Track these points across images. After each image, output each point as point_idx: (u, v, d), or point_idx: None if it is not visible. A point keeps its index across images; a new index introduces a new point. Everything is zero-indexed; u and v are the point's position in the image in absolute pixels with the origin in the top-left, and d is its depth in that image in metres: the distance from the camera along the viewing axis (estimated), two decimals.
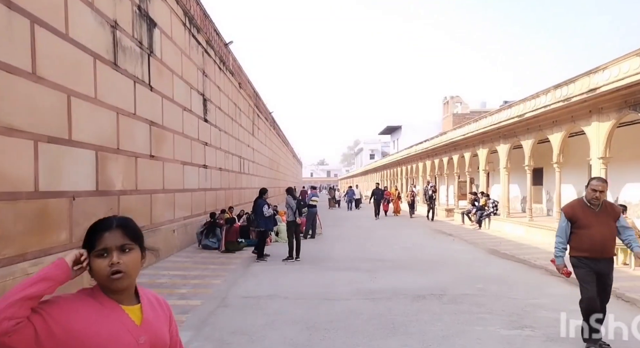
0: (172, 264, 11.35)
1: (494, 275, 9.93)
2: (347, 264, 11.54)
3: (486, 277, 9.76)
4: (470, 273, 10.22)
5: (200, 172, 16.28)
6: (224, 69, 20.43)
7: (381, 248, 14.40)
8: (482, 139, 20.34)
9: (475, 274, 10.06)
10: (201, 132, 16.43)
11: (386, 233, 19.06)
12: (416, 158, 33.36)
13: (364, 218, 27.13)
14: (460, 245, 15.06)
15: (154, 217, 11.69)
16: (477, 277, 9.69)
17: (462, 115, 45.73)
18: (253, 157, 28.88)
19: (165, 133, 12.66)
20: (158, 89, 12.09)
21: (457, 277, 9.69)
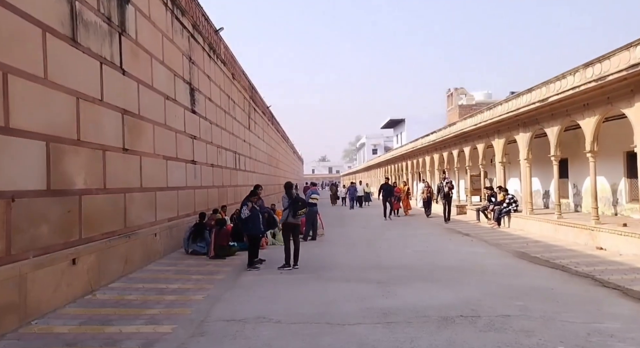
0: (149, 274, 9.72)
1: (533, 288, 8.26)
2: (354, 273, 9.91)
3: (524, 289, 8.10)
4: (503, 284, 8.56)
5: (188, 168, 14.65)
6: (215, 57, 18.78)
7: (391, 252, 12.77)
8: (497, 128, 18.66)
9: (510, 286, 8.40)
10: (188, 124, 14.79)
11: (395, 233, 17.41)
12: (422, 151, 31.69)
13: (369, 217, 25.45)
14: (482, 247, 13.40)
15: (130, 220, 10.05)
16: (513, 290, 8.03)
17: (469, 106, 44.04)
18: (250, 152, 27.24)
19: (143, 124, 11.02)
20: (133, 73, 10.45)
21: (488, 291, 8.04)
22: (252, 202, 10.80)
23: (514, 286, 8.38)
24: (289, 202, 10.84)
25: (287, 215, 10.86)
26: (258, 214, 10.85)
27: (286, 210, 10.98)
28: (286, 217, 10.84)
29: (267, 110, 36.75)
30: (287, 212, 10.91)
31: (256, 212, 10.79)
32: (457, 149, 24.30)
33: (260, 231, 11.07)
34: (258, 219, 10.81)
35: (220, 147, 19.25)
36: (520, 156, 16.94)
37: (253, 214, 10.68)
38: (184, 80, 14.51)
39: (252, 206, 10.63)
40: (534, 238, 14.49)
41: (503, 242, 13.94)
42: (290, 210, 10.82)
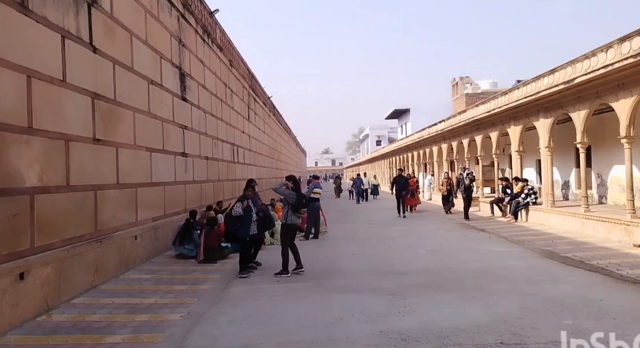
0: (124, 285, 8.40)
1: (578, 298, 6.89)
2: (362, 280, 8.56)
3: (567, 302, 6.74)
4: (540, 295, 7.20)
5: (177, 161, 13.31)
6: (210, 41, 17.38)
7: (403, 253, 11.42)
8: (514, 114, 17.24)
9: (549, 297, 7.03)
10: (178, 112, 13.44)
11: (404, 229, 16.05)
12: (430, 141, 30.25)
13: (375, 212, 24.12)
14: (503, 246, 12.04)
15: (102, 222, 8.72)
16: (554, 303, 6.67)
17: (476, 94, 42.62)
18: (249, 144, 25.88)
19: (121, 111, 9.67)
20: (107, 51, 9.09)
21: (525, 304, 6.67)
22: (247, 199, 9.43)
23: (554, 297, 7.01)
24: (294, 200, 9.54)
25: (288, 215, 9.54)
26: (251, 215, 9.43)
27: (286, 208, 9.71)
28: (286, 217, 9.51)
29: (268, 100, 35.36)
30: (287, 210, 9.60)
31: (250, 212, 9.37)
32: (467, 138, 22.87)
33: (248, 234, 9.46)
34: (250, 221, 9.35)
35: (216, 139, 17.91)
36: (541, 144, 15.53)
37: (246, 214, 9.28)
38: (173, 64, 13.14)
39: (248, 204, 9.27)
40: (558, 234, 13.12)
41: (525, 239, 12.58)
42: (291, 209, 9.51)
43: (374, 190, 34.73)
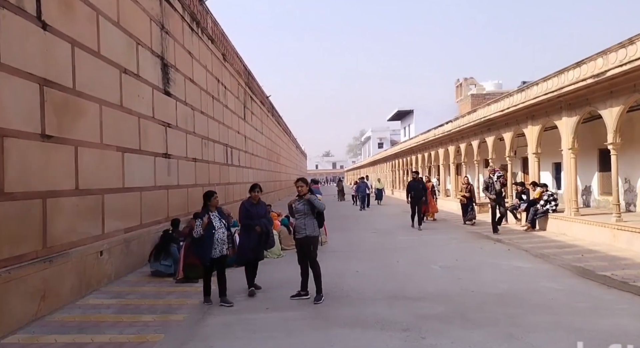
0: (78, 315, 6.89)
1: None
2: (368, 308, 7.04)
3: (631, 340, 5.24)
4: (593, 331, 5.67)
5: (158, 163, 11.83)
6: (199, 32, 15.90)
7: (414, 269, 9.89)
8: (532, 113, 15.73)
9: (606, 334, 5.50)
10: (160, 108, 11.97)
11: (412, 239, 14.53)
12: (435, 143, 28.73)
13: (379, 218, 22.58)
14: (526, 261, 10.52)
15: (54, 236, 7.22)
16: (617, 343, 5.18)
17: (481, 95, 41.22)
18: (245, 146, 24.40)
19: (81, 102, 8.18)
20: (62, 29, 7.61)
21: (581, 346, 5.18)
22: (208, 214, 7.48)
23: (611, 334, 5.51)
24: (324, 207, 8.00)
25: (313, 225, 7.80)
26: (213, 233, 7.40)
27: (308, 217, 7.76)
28: (313, 227, 7.74)
29: (266, 100, 33.88)
30: (311, 220, 7.78)
31: (211, 229, 7.39)
32: (477, 139, 21.35)
33: (208, 258, 7.39)
34: (211, 241, 7.38)
35: (206, 139, 16.44)
36: (563, 145, 14.01)
37: (206, 233, 7.38)
38: (153, 52, 11.66)
39: (209, 221, 7.49)
40: (586, 247, 11.61)
41: (548, 252, 11.05)
42: (317, 217, 7.90)
43: (378, 194, 32.62)
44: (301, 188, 7.76)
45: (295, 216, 7.82)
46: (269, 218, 8.45)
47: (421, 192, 17.43)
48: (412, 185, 17.52)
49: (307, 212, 7.68)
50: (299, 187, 7.79)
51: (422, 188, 17.64)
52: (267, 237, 8.28)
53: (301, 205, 7.72)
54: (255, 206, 8.17)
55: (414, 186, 17.43)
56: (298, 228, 7.74)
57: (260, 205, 8.31)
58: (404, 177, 41.50)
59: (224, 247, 7.55)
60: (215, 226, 7.44)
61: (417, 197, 17.21)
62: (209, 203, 7.61)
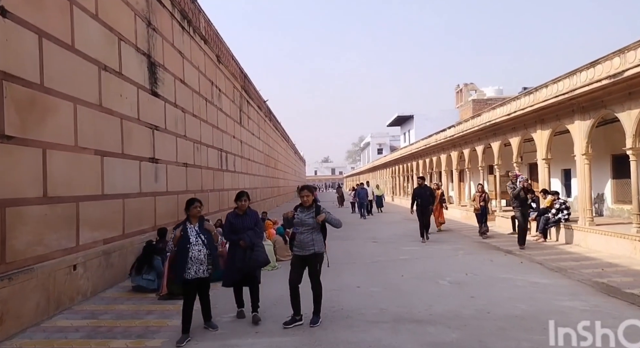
0: (40, 340, 6.04)
1: None
2: (370, 332, 6.17)
3: None
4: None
5: (144, 168, 11.01)
6: (190, 30, 15.11)
7: (420, 284, 9.02)
8: (541, 117, 14.92)
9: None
10: (146, 109, 11.16)
11: (416, 249, 13.65)
12: (437, 149, 27.92)
13: (379, 226, 21.69)
14: (541, 275, 9.64)
15: (16, 250, 6.38)
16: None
17: (483, 101, 40.46)
18: (241, 151, 23.58)
19: (51, 100, 7.36)
20: (25, 17, 6.78)
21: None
22: (187, 225, 6.32)
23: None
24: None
25: (320, 240, 6.81)
26: (187, 248, 6.14)
27: (315, 232, 6.75)
28: (321, 243, 6.78)
29: (263, 104, 33.08)
30: (318, 235, 6.80)
31: (186, 244, 6.18)
32: (481, 144, 20.55)
33: (181, 279, 6.26)
34: (185, 258, 6.18)
35: (198, 143, 15.63)
36: (576, 150, 13.20)
37: (179, 248, 6.23)
38: (138, 49, 10.86)
39: (181, 234, 6.31)
40: (604, 260, 10.79)
41: (565, 266, 10.22)
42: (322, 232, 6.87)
43: (378, 201, 30.74)
44: (307, 198, 6.72)
45: (300, 230, 6.67)
46: (257, 231, 7.01)
47: (429, 200, 15.64)
48: (419, 193, 15.63)
49: (316, 225, 6.66)
50: (305, 196, 6.72)
51: (430, 195, 15.88)
52: (250, 252, 6.78)
53: (310, 219, 6.64)
54: (241, 217, 6.95)
55: (421, 193, 15.56)
56: (304, 244, 6.61)
57: (248, 216, 7.01)
58: (405, 183, 40.72)
59: (202, 267, 6.24)
60: (190, 241, 6.21)
61: (425, 206, 15.41)
62: (188, 213, 6.45)
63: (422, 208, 15.32)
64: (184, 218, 6.53)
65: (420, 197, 15.45)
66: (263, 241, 10.22)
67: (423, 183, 16.30)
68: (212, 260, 6.38)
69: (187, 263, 6.16)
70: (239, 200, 7.03)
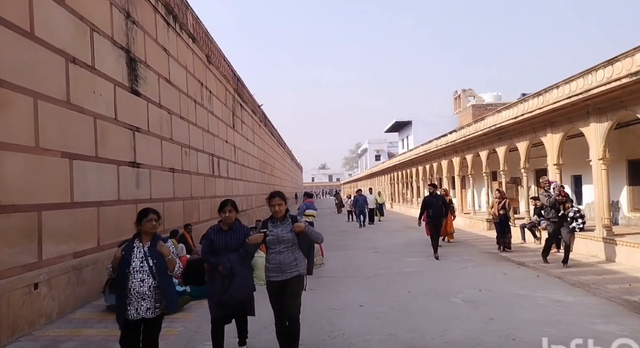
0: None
1: None
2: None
3: None
4: None
5: (123, 173, 10.00)
6: (176, 27, 14.16)
7: (430, 303, 8.00)
8: (551, 120, 13.97)
9: None
10: (125, 108, 10.18)
11: (420, 261, 12.64)
12: (438, 154, 26.95)
13: (379, 234, 20.69)
14: (563, 291, 8.64)
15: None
16: None
17: (483, 106, 39.61)
18: (235, 156, 22.59)
19: (3, 93, 6.37)
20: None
21: None
22: (128, 243, 4.71)
23: None
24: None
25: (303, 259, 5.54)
26: (127, 274, 4.49)
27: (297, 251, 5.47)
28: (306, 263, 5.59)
29: (258, 109, 32.11)
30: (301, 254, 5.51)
31: (125, 269, 4.51)
32: (486, 149, 19.60)
33: (123, 317, 4.56)
34: (124, 290, 4.51)
35: (187, 147, 14.64)
36: (592, 155, 12.24)
37: (119, 274, 4.58)
38: (115, 43, 9.88)
39: (122, 255, 4.55)
40: (629, 273, 9.85)
41: (586, 280, 9.24)
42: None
43: (379, 209, 28.95)
44: (279, 208, 5.34)
45: (276, 249, 5.27)
46: (243, 254, 5.35)
47: (441, 211, 13.37)
48: (430, 202, 13.40)
49: (296, 241, 5.35)
50: (276, 205, 5.32)
51: (443, 205, 13.54)
52: (229, 282, 5.18)
53: (289, 233, 5.28)
54: (225, 234, 5.43)
55: (432, 203, 13.35)
56: (284, 266, 5.22)
57: (234, 233, 5.44)
58: (404, 190, 39.75)
59: (144, 304, 4.51)
60: (131, 266, 4.51)
61: (437, 217, 13.32)
62: (140, 228, 4.75)
63: (433, 219, 13.27)
64: (133, 234, 4.82)
65: (432, 207, 13.30)
66: (256, 253, 9.13)
67: (435, 191, 13.93)
68: (163, 295, 4.62)
69: (126, 299, 4.50)
70: (222, 211, 5.49)
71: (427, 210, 13.36)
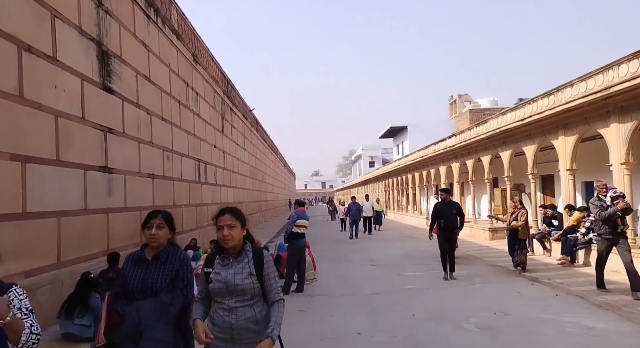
0: None
1: None
2: None
3: None
4: None
5: (91, 179, 8.87)
6: (158, 21, 13.07)
7: (440, 330, 6.88)
8: (564, 121, 12.98)
9: None
10: (94, 106, 9.05)
11: (423, 276, 11.53)
12: (436, 160, 25.95)
13: (376, 243, 19.56)
14: (591, 315, 7.57)
15: None
16: None
17: (481, 110, 38.77)
18: (224, 162, 21.47)
19: None
20: None
21: None
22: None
23: None
24: None
25: None
26: None
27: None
28: None
29: (249, 113, 31.03)
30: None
31: None
32: (488, 154, 18.59)
33: None
34: None
35: (169, 151, 13.53)
36: (612, 159, 11.22)
37: None
38: (83, 32, 8.77)
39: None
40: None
41: (614, 301, 8.18)
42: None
43: (377, 218, 26.85)
44: (230, 235, 3.25)
45: (227, 304, 3.21)
46: (164, 300, 3.39)
47: (454, 221, 11.14)
48: (442, 211, 11.21)
49: (258, 291, 3.27)
50: (224, 228, 3.24)
51: (457, 214, 11.26)
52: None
53: (246, 279, 3.22)
54: (147, 266, 3.52)
55: (445, 212, 11.13)
56: (238, 333, 3.18)
57: (161, 264, 3.52)
58: (399, 197, 38.72)
59: None
60: None
61: (450, 229, 11.08)
62: None
63: (445, 232, 11.11)
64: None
65: (444, 216, 11.09)
66: None
67: (448, 198, 11.52)
68: None
69: None
70: (147, 226, 3.57)
71: (438, 220, 11.29)
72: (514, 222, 11.56)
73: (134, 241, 10.61)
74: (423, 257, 14.39)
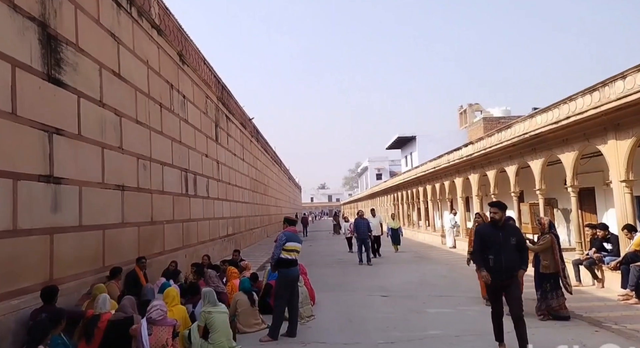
0: None
1: None
2: None
3: None
4: None
5: (24, 191, 6.89)
6: (134, 12, 11.23)
7: None
8: (614, 121, 10.83)
9: None
10: (34, 101, 7.12)
11: (448, 314, 9.37)
12: (450, 171, 23.79)
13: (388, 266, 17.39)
14: None
15: None
16: None
17: (495, 119, 36.76)
18: (218, 173, 19.47)
19: None
20: None
21: None
22: None
23: None
24: None
25: None
26: None
27: None
28: None
29: (248, 123, 29.06)
30: None
31: None
32: (514, 163, 16.45)
33: None
34: None
35: (146, 159, 11.57)
36: None
37: None
38: (18, 9, 6.83)
39: None
40: None
41: None
42: None
43: (394, 237, 22.69)
44: None
45: None
46: None
47: (516, 257, 6.63)
48: (492, 239, 6.69)
49: None
50: None
51: (517, 247, 6.68)
52: None
53: None
54: None
55: (497, 241, 6.63)
56: None
57: None
58: (409, 211, 36.57)
59: None
60: None
61: (507, 271, 6.59)
62: None
63: (499, 275, 6.59)
64: None
65: (497, 249, 6.60)
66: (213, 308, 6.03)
67: (503, 215, 6.86)
68: None
69: None
70: None
71: (482, 249, 6.80)
72: (531, 246, 8.82)
73: (93, 266, 8.63)
74: (444, 285, 12.22)
